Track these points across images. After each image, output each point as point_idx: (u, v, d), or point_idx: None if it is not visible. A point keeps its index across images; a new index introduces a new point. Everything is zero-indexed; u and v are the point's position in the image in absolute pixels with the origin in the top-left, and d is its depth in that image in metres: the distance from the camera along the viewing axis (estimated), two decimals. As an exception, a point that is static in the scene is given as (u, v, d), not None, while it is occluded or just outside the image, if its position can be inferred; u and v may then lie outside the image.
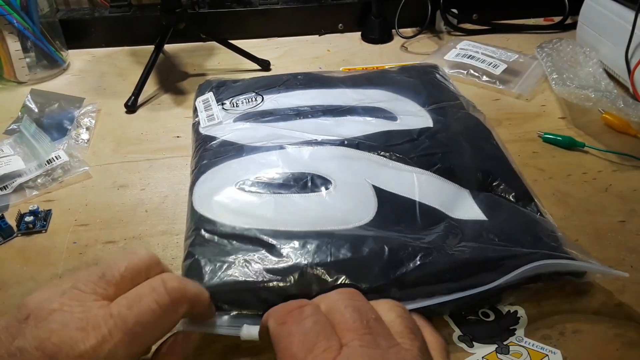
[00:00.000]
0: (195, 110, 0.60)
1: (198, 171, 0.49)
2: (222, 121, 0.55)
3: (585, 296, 0.40)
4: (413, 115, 0.55)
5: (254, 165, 0.48)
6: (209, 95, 0.60)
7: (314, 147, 0.50)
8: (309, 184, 0.46)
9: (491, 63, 0.71)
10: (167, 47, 0.79)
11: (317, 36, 0.84)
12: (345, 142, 0.50)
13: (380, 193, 0.45)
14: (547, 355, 0.36)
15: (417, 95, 0.59)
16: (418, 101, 0.58)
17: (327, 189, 0.45)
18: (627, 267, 0.43)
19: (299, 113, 0.56)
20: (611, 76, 0.66)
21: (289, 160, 0.48)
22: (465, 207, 0.45)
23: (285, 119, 0.55)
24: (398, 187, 0.46)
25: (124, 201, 0.51)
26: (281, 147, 0.50)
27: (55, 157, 0.54)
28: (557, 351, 0.36)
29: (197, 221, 0.43)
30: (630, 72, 0.61)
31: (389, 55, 0.78)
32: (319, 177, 0.46)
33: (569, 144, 0.56)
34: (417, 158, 0.49)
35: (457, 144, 0.51)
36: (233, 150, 0.51)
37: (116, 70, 0.76)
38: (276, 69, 0.75)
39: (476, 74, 0.70)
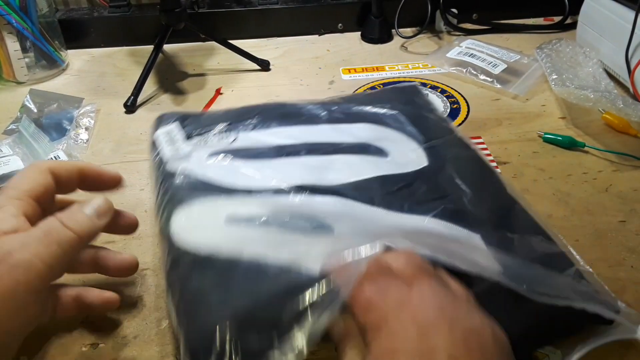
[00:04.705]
0: (153, 144, 0.51)
1: (170, 205, 0.43)
2: (190, 154, 0.48)
3: (586, 296, 0.40)
4: (404, 152, 0.51)
5: (241, 208, 0.42)
6: (174, 127, 0.52)
7: (305, 197, 0.44)
8: (309, 229, 0.41)
9: (491, 62, 0.71)
10: (167, 47, 0.79)
11: (316, 36, 0.84)
12: (338, 192, 0.45)
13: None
14: (548, 355, 0.36)
15: (404, 129, 0.54)
16: (407, 134, 0.53)
17: (330, 232, 0.40)
18: (627, 267, 0.43)
19: (280, 151, 0.49)
20: (611, 76, 0.66)
21: (279, 210, 0.42)
22: (477, 254, 0.40)
23: (266, 156, 0.49)
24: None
25: (123, 201, 0.51)
26: (267, 194, 0.44)
27: (54, 157, 0.54)
28: (557, 351, 0.36)
29: (182, 255, 0.38)
30: (630, 72, 0.61)
31: (389, 55, 0.78)
32: (318, 224, 0.41)
33: (569, 144, 0.56)
34: (416, 205, 0.44)
35: (455, 185, 0.47)
36: (211, 189, 0.44)
37: (115, 70, 0.76)
38: (276, 69, 0.75)
39: (474, 72, 0.70)
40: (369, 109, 0.57)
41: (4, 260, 0.28)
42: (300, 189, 0.44)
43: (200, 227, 0.41)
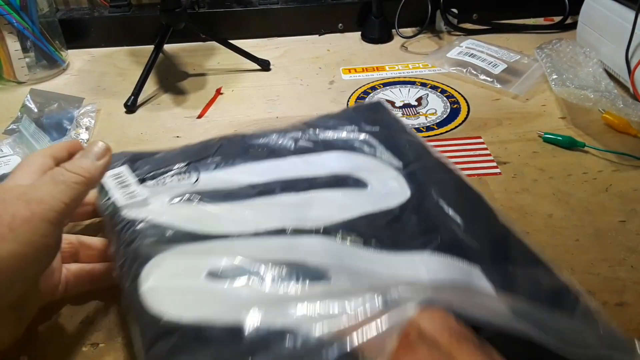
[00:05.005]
0: (102, 188, 0.44)
1: (136, 262, 0.36)
2: (147, 198, 0.42)
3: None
4: (384, 181, 0.47)
5: (223, 255, 0.36)
6: (123, 169, 0.45)
7: (290, 239, 0.39)
8: (303, 277, 0.35)
9: (491, 62, 0.71)
10: (167, 47, 0.79)
11: (317, 36, 0.84)
12: (324, 233, 0.40)
13: None
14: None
15: (379, 155, 0.50)
16: (382, 160, 0.49)
17: (327, 280, 0.35)
18: (627, 267, 0.43)
19: (252, 190, 0.44)
20: (611, 76, 0.66)
21: (266, 258, 0.36)
22: (489, 300, 0.36)
23: (237, 197, 0.43)
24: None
25: (123, 201, 0.51)
26: (247, 239, 0.39)
27: (55, 157, 0.54)
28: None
29: (163, 330, 0.31)
30: (630, 72, 0.61)
31: (389, 55, 0.78)
32: (312, 269, 0.36)
33: (569, 144, 0.56)
34: (410, 240, 0.41)
35: (446, 215, 0.43)
36: (181, 237, 0.38)
37: (116, 70, 0.76)
38: (276, 69, 0.75)
39: (474, 72, 0.70)
40: (337, 134, 0.52)
41: (20, 198, 0.32)
42: (283, 231, 0.39)
43: (179, 290, 0.34)
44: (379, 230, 0.41)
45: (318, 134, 0.52)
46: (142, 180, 0.44)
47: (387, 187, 0.46)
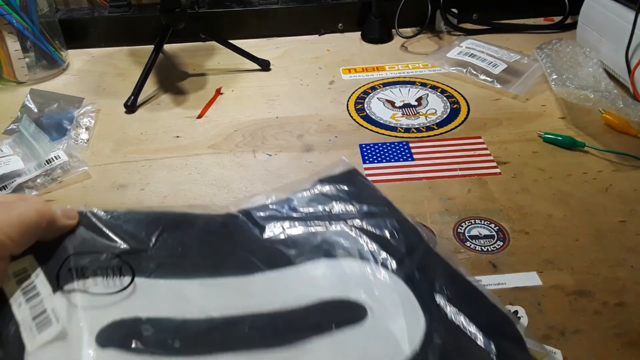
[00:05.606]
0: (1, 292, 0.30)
1: None
2: (66, 332, 0.28)
3: (586, 296, 0.40)
4: (389, 300, 0.33)
5: None
6: (31, 261, 0.31)
7: None
8: None
9: (491, 62, 0.72)
10: (167, 47, 0.79)
11: (317, 36, 0.84)
12: None
13: None
14: (548, 355, 0.36)
15: (375, 257, 0.36)
16: (376, 260, 0.35)
17: None
18: (627, 267, 0.43)
19: (213, 329, 0.30)
20: (611, 76, 0.66)
21: None
22: None
23: (195, 349, 0.29)
24: None
25: (123, 201, 0.51)
26: None
27: (55, 157, 0.54)
28: (557, 351, 0.36)
29: None
30: (630, 72, 0.61)
31: (389, 55, 0.78)
32: None
33: (569, 144, 0.56)
34: None
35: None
36: None
37: (116, 70, 0.76)
38: (276, 69, 0.75)
39: (474, 72, 0.70)
40: (322, 230, 0.37)
41: None
42: None
43: None
44: None
45: (297, 225, 0.38)
46: (57, 280, 0.30)
47: (394, 315, 0.33)
